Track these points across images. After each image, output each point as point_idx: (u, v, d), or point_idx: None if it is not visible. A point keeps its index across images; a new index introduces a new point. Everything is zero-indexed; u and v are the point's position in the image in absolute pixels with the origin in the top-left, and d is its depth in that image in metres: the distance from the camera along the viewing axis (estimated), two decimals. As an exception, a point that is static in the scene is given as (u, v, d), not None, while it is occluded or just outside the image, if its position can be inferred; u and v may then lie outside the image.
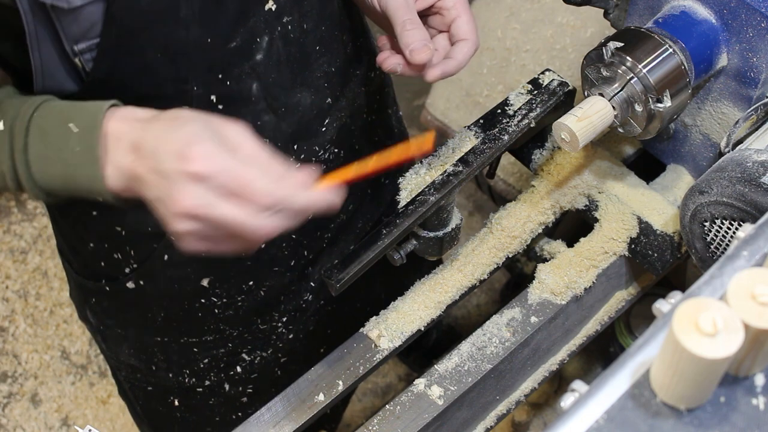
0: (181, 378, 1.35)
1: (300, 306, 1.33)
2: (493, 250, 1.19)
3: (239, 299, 1.24)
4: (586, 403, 0.67)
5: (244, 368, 1.35)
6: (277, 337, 1.34)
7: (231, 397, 1.38)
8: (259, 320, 1.29)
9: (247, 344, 1.32)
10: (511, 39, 1.80)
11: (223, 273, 1.20)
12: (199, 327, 1.26)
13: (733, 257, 0.73)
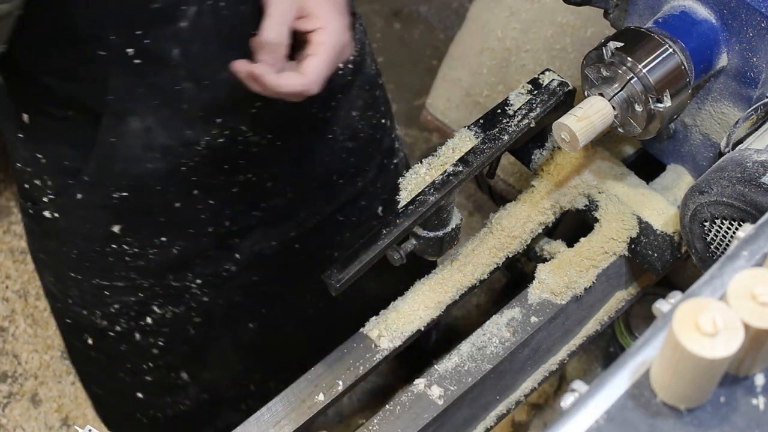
0: (94, 318, 1.35)
1: (219, 274, 1.31)
2: (493, 250, 1.19)
3: (151, 252, 1.23)
4: (586, 403, 0.67)
5: (155, 321, 1.33)
6: (190, 297, 1.33)
7: (142, 347, 1.38)
8: (171, 277, 1.28)
9: (158, 298, 1.31)
10: (511, 39, 1.80)
11: (134, 223, 1.20)
12: (109, 272, 1.26)
13: (733, 257, 0.73)
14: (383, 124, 1.38)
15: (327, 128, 1.28)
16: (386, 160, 1.41)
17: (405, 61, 2.75)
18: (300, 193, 1.30)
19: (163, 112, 1.08)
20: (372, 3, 2.88)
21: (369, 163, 1.37)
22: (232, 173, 1.19)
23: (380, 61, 2.73)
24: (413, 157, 2.55)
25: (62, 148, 1.12)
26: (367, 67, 1.32)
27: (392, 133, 1.43)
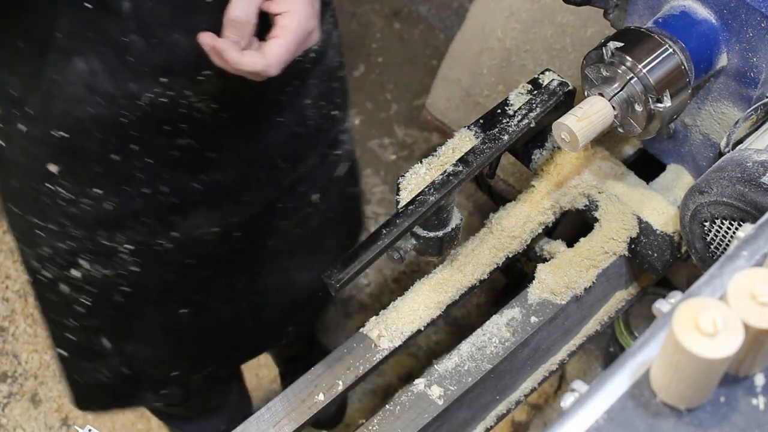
0: (29, 259, 1.36)
1: (151, 246, 1.31)
2: (493, 250, 1.19)
3: (84, 201, 1.23)
4: (586, 403, 0.67)
5: (83, 276, 1.34)
6: (120, 262, 1.32)
7: (67, 300, 1.38)
8: (101, 233, 1.28)
9: (87, 252, 1.31)
10: (511, 39, 1.80)
11: (71, 167, 1.20)
12: (43, 212, 1.26)
13: (733, 257, 0.73)
14: (334, 115, 1.39)
15: (278, 111, 1.29)
16: (329, 150, 1.43)
17: (405, 61, 2.76)
18: (242, 171, 1.30)
19: (109, 60, 1.09)
20: (372, 3, 2.88)
21: (312, 150, 1.38)
22: (172, 135, 1.19)
23: (380, 61, 2.74)
24: (413, 157, 2.56)
25: (9, 76, 1.13)
26: (328, 59, 1.33)
27: (341, 125, 1.44)
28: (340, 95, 1.41)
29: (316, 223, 1.49)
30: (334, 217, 1.53)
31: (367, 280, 2.36)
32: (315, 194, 1.44)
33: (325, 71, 1.32)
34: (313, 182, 1.43)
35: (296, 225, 1.46)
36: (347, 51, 2.75)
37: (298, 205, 1.43)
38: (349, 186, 1.56)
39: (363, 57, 2.77)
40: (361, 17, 2.85)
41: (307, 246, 1.51)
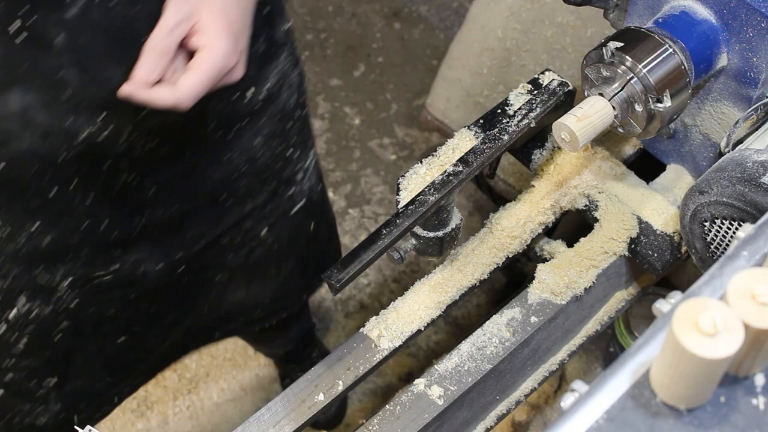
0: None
1: (92, 280, 1.29)
2: (493, 250, 1.19)
3: (22, 237, 1.20)
4: (586, 403, 0.67)
5: (22, 315, 1.30)
6: (59, 299, 1.29)
7: (4, 340, 1.34)
8: (41, 268, 1.25)
9: (26, 289, 1.27)
10: (511, 39, 1.80)
11: (8, 201, 1.17)
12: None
13: (733, 257, 0.73)
14: (289, 155, 1.37)
15: (223, 149, 1.27)
16: (282, 188, 1.41)
17: (405, 61, 2.76)
18: (185, 208, 1.29)
19: (44, 95, 1.06)
20: (372, 3, 2.88)
21: (262, 188, 1.36)
22: (113, 171, 1.17)
23: (380, 61, 2.74)
24: (413, 157, 2.56)
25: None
26: (283, 99, 1.30)
27: (298, 164, 1.41)
28: (298, 134, 1.38)
29: (260, 255, 1.48)
30: (279, 248, 1.51)
31: (367, 280, 2.36)
32: (263, 230, 1.43)
33: (278, 111, 1.30)
34: (262, 218, 1.41)
35: (245, 256, 1.45)
36: (347, 51, 2.76)
37: (245, 240, 1.41)
38: (303, 222, 1.53)
39: (363, 57, 2.77)
40: (361, 17, 2.85)
41: (247, 275, 1.50)
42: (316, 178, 1.51)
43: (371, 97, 2.69)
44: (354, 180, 2.52)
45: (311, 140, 1.46)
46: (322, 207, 1.62)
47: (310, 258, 1.66)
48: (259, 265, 1.51)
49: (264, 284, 1.57)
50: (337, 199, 2.49)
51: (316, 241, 1.63)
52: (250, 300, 1.58)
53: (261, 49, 1.23)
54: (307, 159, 1.45)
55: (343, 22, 2.84)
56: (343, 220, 2.45)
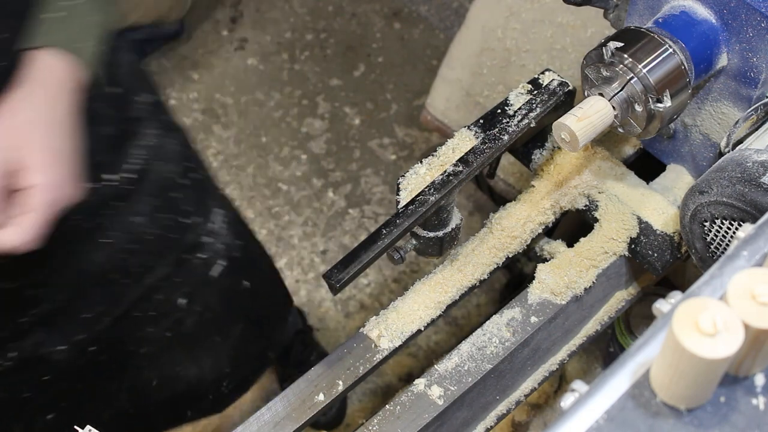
0: None
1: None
2: (493, 250, 1.19)
3: None
4: (586, 403, 0.67)
5: None
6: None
7: None
8: None
9: None
10: (511, 39, 1.80)
11: None
12: None
13: (733, 257, 0.73)
14: (184, 224, 1.34)
15: (99, 234, 1.25)
16: (187, 255, 1.37)
17: (405, 61, 2.75)
18: (72, 295, 1.26)
19: None
20: (372, 3, 2.88)
21: (159, 261, 1.33)
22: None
23: (380, 61, 2.74)
24: (413, 157, 2.56)
25: None
26: (157, 173, 1.28)
27: (200, 229, 1.38)
28: (192, 202, 1.35)
29: (193, 324, 1.43)
30: (214, 316, 1.47)
31: (367, 280, 2.36)
32: (181, 299, 1.39)
33: (153, 187, 1.27)
34: (174, 289, 1.37)
35: (168, 329, 1.41)
36: (347, 51, 2.76)
37: (161, 311, 1.37)
38: (234, 283, 1.48)
39: (363, 57, 2.77)
40: (361, 17, 2.85)
41: (187, 346, 1.46)
42: (232, 235, 1.45)
43: (371, 97, 2.68)
44: (354, 180, 2.52)
45: (214, 201, 1.41)
46: (252, 262, 1.56)
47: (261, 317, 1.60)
48: (198, 336, 1.46)
49: (215, 355, 1.52)
50: (337, 199, 2.49)
51: (260, 298, 1.58)
52: (208, 374, 1.53)
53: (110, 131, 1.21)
54: (211, 222, 1.40)
55: (343, 22, 2.84)
56: (343, 220, 2.45)
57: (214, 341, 1.51)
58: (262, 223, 2.45)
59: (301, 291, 2.34)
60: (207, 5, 2.87)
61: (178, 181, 1.31)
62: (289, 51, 2.78)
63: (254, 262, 1.58)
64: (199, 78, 2.72)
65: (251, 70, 2.74)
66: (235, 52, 2.78)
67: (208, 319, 1.46)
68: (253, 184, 2.52)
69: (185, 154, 1.34)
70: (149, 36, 2.66)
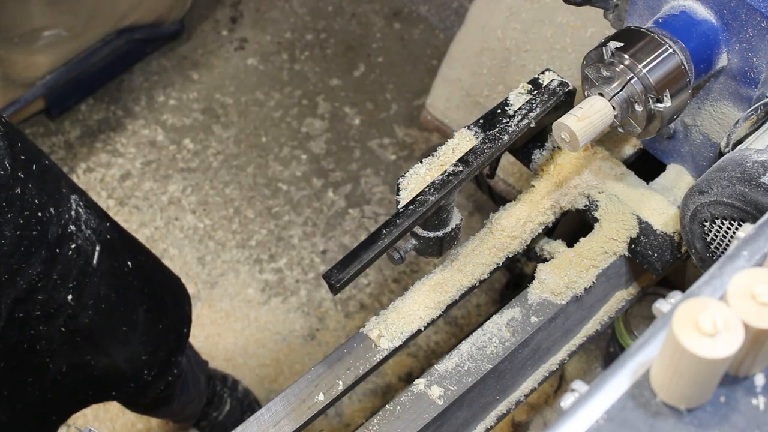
0: None
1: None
2: (493, 250, 1.19)
3: None
4: (586, 403, 0.67)
5: None
6: None
7: None
8: None
9: None
10: (511, 39, 1.80)
11: None
12: None
13: (733, 257, 0.73)
14: (40, 218, 1.28)
15: None
16: (58, 249, 1.32)
17: (405, 61, 2.75)
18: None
19: None
20: (372, 3, 2.88)
21: (27, 260, 1.28)
22: None
23: (380, 61, 2.74)
24: (413, 157, 2.56)
25: None
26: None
27: (61, 220, 1.32)
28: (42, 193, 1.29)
29: (90, 317, 1.39)
30: (111, 306, 1.42)
31: (367, 280, 2.36)
32: (66, 295, 1.34)
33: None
34: (55, 287, 1.33)
35: (62, 326, 1.36)
36: (347, 51, 2.76)
37: (47, 310, 1.33)
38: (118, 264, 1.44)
39: (363, 57, 2.77)
40: (361, 17, 2.85)
41: (90, 340, 1.42)
42: (96, 217, 1.40)
43: (371, 97, 2.68)
44: (354, 180, 2.52)
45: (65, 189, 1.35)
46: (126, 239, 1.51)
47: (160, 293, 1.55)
48: (100, 329, 1.42)
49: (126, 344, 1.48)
50: (337, 199, 2.49)
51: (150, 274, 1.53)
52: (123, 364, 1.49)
53: None
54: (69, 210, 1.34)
55: (343, 22, 2.84)
56: (343, 220, 2.45)
57: (119, 331, 1.46)
58: (262, 223, 2.45)
59: (301, 291, 2.34)
60: (207, 5, 2.87)
61: (8, 181, 1.23)
62: (289, 51, 2.78)
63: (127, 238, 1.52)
64: (199, 78, 2.72)
65: (251, 70, 2.74)
66: (235, 52, 2.78)
67: (105, 310, 1.41)
68: (253, 184, 2.52)
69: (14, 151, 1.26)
70: (149, 36, 2.66)
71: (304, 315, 2.30)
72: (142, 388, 1.58)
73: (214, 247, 2.41)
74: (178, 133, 2.61)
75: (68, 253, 1.33)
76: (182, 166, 2.54)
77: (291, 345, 2.27)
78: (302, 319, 2.30)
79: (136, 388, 1.57)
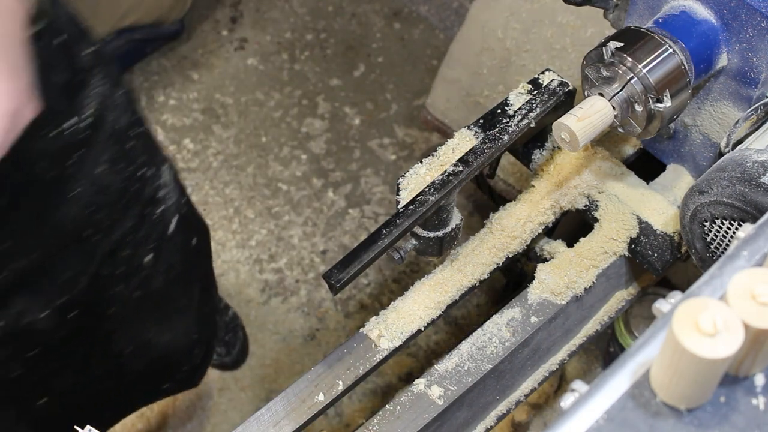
0: None
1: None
2: (493, 250, 1.19)
3: None
4: (586, 403, 0.67)
5: None
6: None
7: None
8: None
9: None
10: (511, 39, 1.80)
11: None
12: None
13: (733, 257, 0.73)
14: (141, 175, 1.34)
15: (67, 185, 1.24)
16: (149, 209, 1.37)
17: (405, 61, 2.75)
18: (49, 252, 1.26)
19: None
20: (372, 3, 2.88)
21: (125, 214, 1.33)
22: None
23: (380, 61, 2.74)
24: (413, 157, 2.56)
25: None
26: (111, 122, 1.28)
27: (156, 182, 1.38)
28: (145, 153, 1.35)
29: (160, 283, 1.44)
30: (179, 273, 1.48)
31: (367, 280, 2.36)
32: (147, 256, 1.39)
33: (109, 135, 1.26)
34: (139, 244, 1.38)
35: (136, 288, 1.41)
36: (347, 51, 2.76)
37: (128, 270, 1.38)
38: (188, 239, 1.50)
39: (363, 57, 2.77)
40: (361, 17, 2.85)
41: (157, 306, 1.47)
42: (178, 191, 1.46)
43: (371, 97, 2.68)
44: (354, 180, 2.52)
45: (160, 156, 1.42)
46: (196, 219, 1.58)
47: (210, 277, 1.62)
48: (166, 296, 1.48)
49: (184, 318, 1.54)
50: (337, 199, 2.49)
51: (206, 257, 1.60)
52: (181, 339, 1.55)
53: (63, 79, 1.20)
54: (163, 175, 1.41)
55: (343, 22, 2.84)
56: (343, 220, 2.45)
57: (181, 303, 1.54)
58: (262, 223, 2.45)
59: (301, 291, 2.34)
60: (207, 5, 2.87)
61: (127, 132, 1.30)
62: (289, 51, 2.78)
63: (196, 217, 1.60)
64: (199, 78, 2.72)
65: (251, 70, 2.74)
66: (235, 52, 2.78)
67: (173, 279, 1.47)
68: (253, 184, 2.52)
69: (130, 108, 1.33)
70: (149, 36, 2.66)
71: (304, 315, 2.30)
72: (192, 372, 1.65)
73: (214, 247, 2.41)
74: (178, 133, 2.61)
75: (153, 216, 1.40)
76: (182, 166, 2.54)
77: (291, 345, 2.27)
78: (302, 319, 2.30)
79: (188, 371, 1.64)
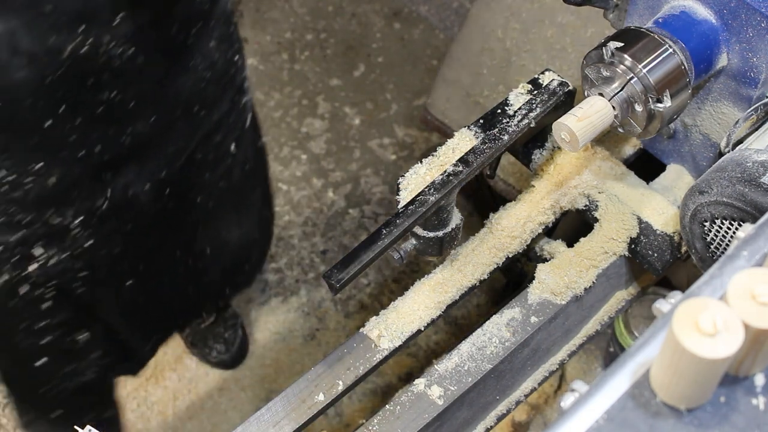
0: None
1: (94, 211, 1.33)
2: (493, 250, 1.19)
3: (28, 181, 1.23)
4: (586, 403, 0.67)
5: (41, 267, 1.34)
6: (72, 241, 1.33)
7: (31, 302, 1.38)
8: (51, 211, 1.29)
9: (40, 237, 1.31)
10: (511, 39, 1.80)
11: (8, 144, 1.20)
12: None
13: (733, 257, 0.73)
14: (236, 61, 1.44)
15: (187, 54, 1.32)
16: (237, 96, 1.48)
17: (405, 61, 2.75)
18: (163, 120, 1.33)
19: (26, 14, 1.09)
20: (372, 3, 2.88)
21: (223, 95, 1.43)
22: (96, 88, 1.21)
23: (380, 61, 2.74)
24: (413, 157, 2.56)
25: None
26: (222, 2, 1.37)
27: (243, 71, 1.49)
28: (237, 40, 1.45)
29: (238, 175, 1.56)
30: (251, 168, 1.60)
31: (367, 280, 2.36)
32: (231, 144, 1.50)
33: (221, 13, 1.36)
34: (228, 131, 1.48)
35: (220, 178, 1.52)
36: (347, 51, 2.76)
37: (217, 155, 1.48)
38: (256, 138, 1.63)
39: (363, 57, 2.77)
40: (361, 17, 2.85)
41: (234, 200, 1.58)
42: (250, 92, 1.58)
43: (371, 97, 2.69)
44: (354, 180, 2.52)
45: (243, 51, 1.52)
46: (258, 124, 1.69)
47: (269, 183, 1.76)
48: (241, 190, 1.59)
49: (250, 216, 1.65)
50: (337, 199, 2.49)
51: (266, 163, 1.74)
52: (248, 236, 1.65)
53: None
54: (246, 67, 1.52)
55: (343, 22, 2.84)
56: (343, 220, 2.45)
57: (250, 199, 1.65)
58: (262, 223, 2.45)
59: (301, 291, 2.34)
60: (207, 5, 2.87)
61: (231, 16, 1.41)
62: (289, 51, 2.78)
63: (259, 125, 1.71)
64: (199, 78, 2.73)
65: (251, 70, 2.74)
66: (235, 52, 2.78)
67: (248, 173, 1.59)
68: (253, 184, 2.52)
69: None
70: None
71: (304, 315, 2.30)
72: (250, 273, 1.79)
73: (214, 247, 2.41)
74: (178, 133, 2.61)
75: (240, 105, 1.50)
76: (182, 166, 2.55)
77: (291, 345, 2.27)
78: (302, 319, 2.30)
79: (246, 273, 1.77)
